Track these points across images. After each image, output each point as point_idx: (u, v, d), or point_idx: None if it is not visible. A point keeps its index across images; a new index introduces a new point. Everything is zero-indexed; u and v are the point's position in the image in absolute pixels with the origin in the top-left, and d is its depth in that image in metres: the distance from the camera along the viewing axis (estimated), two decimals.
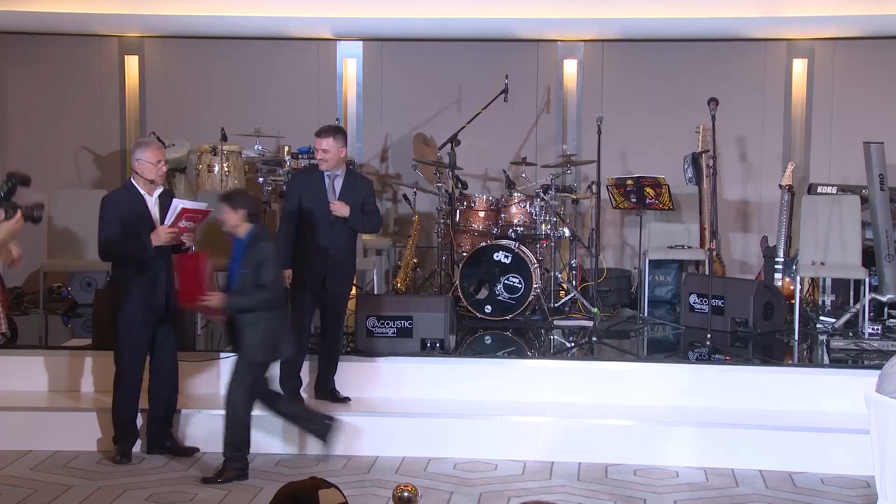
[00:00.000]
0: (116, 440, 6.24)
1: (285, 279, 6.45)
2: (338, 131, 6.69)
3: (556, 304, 8.40)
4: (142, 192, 6.11)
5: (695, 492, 5.85)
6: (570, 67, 9.80)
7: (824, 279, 8.47)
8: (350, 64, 9.89)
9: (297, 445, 6.44)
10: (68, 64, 9.89)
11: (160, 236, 6.01)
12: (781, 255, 8.34)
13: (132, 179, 6.14)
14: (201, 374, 6.86)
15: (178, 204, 6.06)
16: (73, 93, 9.91)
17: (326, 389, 6.75)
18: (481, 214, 8.45)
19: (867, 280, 7.79)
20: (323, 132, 6.63)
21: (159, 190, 6.19)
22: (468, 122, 8.77)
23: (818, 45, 9.51)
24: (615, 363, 7.01)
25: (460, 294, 8.09)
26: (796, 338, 7.66)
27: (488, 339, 7.77)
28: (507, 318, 8.05)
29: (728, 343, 7.57)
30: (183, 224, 6.07)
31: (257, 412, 6.03)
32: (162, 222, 6.10)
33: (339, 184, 6.68)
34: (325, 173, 6.65)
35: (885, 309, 8.06)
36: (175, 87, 9.94)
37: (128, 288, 6.08)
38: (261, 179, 8.64)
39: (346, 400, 6.74)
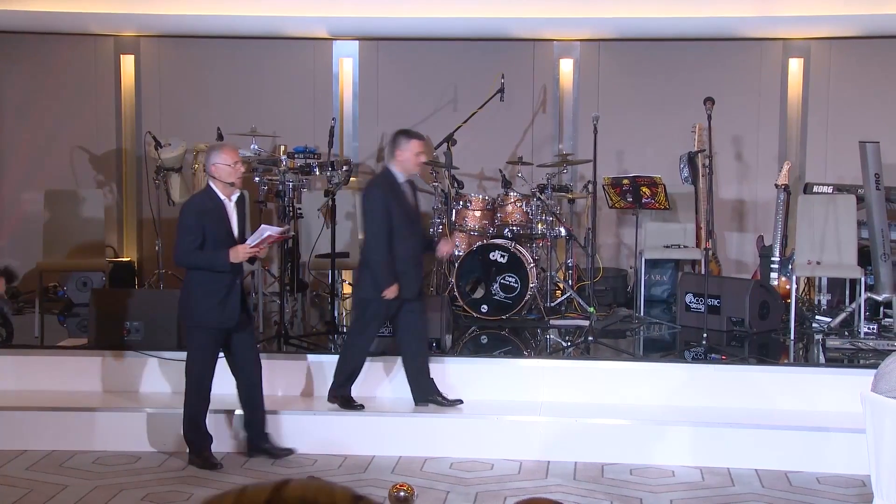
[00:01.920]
0: (198, 450, 6.11)
1: (393, 292, 6.28)
2: None
3: (553, 304, 8.40)
4: (222, 197, 5.98)
5: (691, 491, 5.85)
6: (566, 67, 9.80)
7: (820, 278, 8.49)
8: (346, 63, 9.88)
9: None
10: (64, 63, 9.87)
11: (239, 254, 5.91)
12: (777, 255, 8.34)
13: (210, 184, 6.02)
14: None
15: (265, 230, 6.00)
16: (68, 92, 9.88)
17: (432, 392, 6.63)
18: (477, 214, 8.44)
19: (863, 279, 7.80)
20: (422, 135, 6.49)
21: (237, 194, 6.07)
22: (464, 122, 8.75)
23: (814, 45, 9.51)
24: (611, 363, 7.01)
25: (456, 293, 8.09)
26: (792, 337, 7.66)
27: (484, 339, 7.77)
28: (504, 317, 8.05)
29: (724, 342, 7.57)
30: (263, 245, 6.06)
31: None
32: (240, 230, 6.06)
33: (406, 189, 6.51)
34: (400, 179, 6.44)
35: (881, 308, 8.07)
36: (171, 86, 9.92)
37: (203, 294, 5.96)
38: (257, 179, 8.62)
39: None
